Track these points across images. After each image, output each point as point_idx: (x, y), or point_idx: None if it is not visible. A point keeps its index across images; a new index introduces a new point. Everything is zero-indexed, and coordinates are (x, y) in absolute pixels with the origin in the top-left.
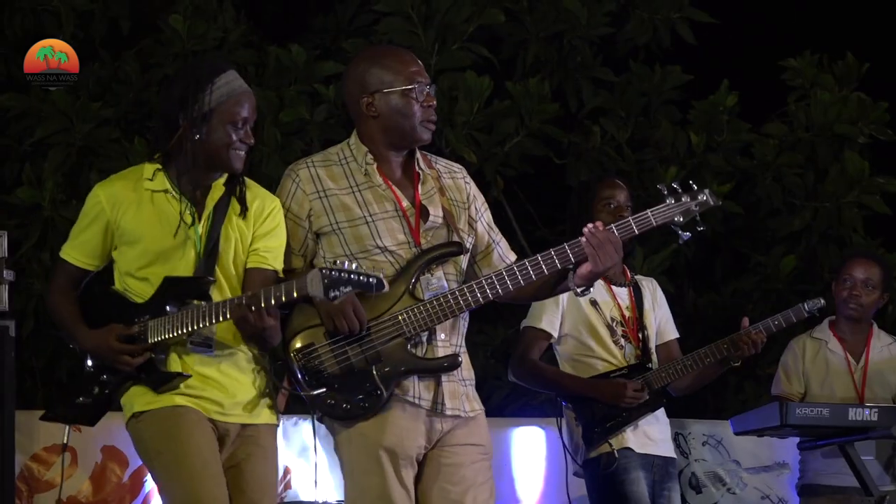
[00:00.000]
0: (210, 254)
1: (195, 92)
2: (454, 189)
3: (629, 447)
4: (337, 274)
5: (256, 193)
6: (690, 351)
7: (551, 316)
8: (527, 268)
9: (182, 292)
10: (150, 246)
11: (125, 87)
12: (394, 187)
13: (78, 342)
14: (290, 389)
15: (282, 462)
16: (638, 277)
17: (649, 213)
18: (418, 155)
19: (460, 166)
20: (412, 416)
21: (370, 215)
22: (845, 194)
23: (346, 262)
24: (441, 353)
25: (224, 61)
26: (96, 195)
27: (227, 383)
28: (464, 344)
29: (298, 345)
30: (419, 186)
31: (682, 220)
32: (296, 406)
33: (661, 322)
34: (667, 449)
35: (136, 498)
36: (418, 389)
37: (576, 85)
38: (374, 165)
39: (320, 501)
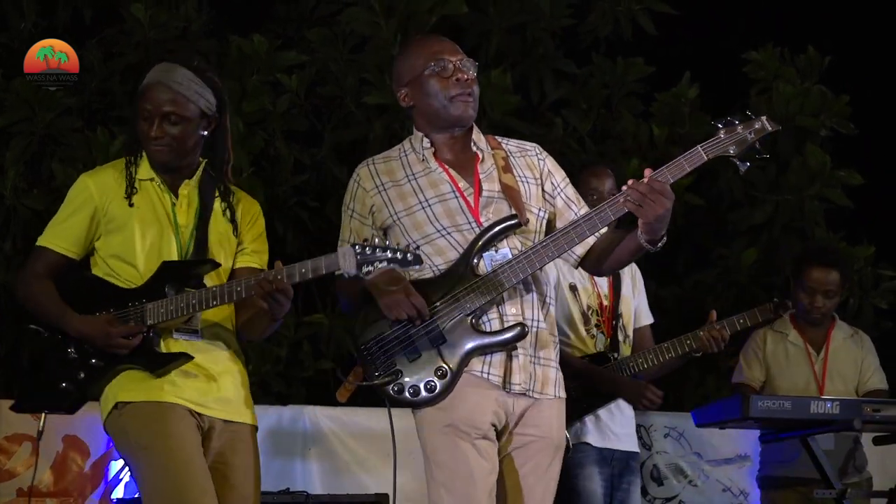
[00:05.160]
0: (199, 245)
1: (141, 80)
2: (525, 167)
3: (587, 442)
4: (370, 250)
5: (239, 196)
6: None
7: None
8: (581, 226)
9: (181, 276)
10: (138, 232)
11: (88, 75)
12: (450, 170)
13: (68, 329)
14: (354, 383)
15: None
16: None
17: (700, 149)
18: (475, 135)
19: (534, 144)
20: (481, 390)
21: (426, 200)
22: (807, 187)
23: (378, 240)
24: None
25: (174, 52)
26: (84, 183)
27: (211, 377)
28: (542, 319)
29: (366, 336)
30: (478, 166)
31: (736, 151)
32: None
33: (638, 306)
34: (629, 443)
35: (97, 487)
36: (488, 366)
37: (538, 76)
38: (432, 150)
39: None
